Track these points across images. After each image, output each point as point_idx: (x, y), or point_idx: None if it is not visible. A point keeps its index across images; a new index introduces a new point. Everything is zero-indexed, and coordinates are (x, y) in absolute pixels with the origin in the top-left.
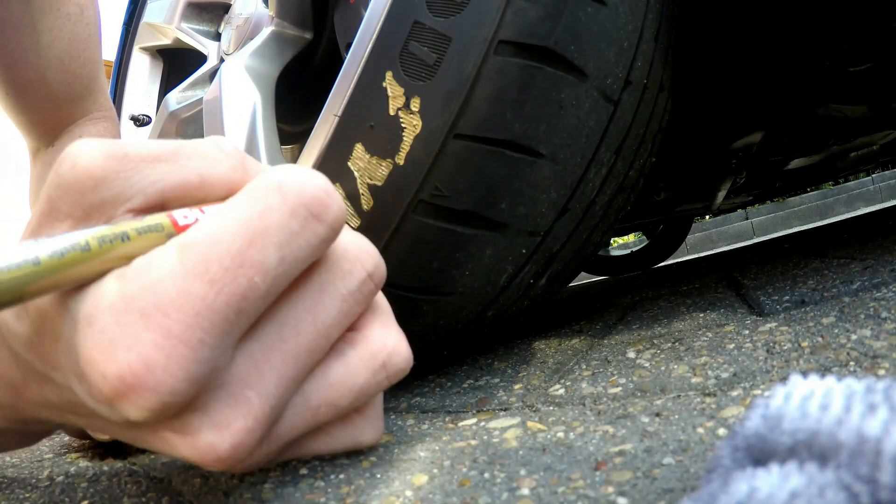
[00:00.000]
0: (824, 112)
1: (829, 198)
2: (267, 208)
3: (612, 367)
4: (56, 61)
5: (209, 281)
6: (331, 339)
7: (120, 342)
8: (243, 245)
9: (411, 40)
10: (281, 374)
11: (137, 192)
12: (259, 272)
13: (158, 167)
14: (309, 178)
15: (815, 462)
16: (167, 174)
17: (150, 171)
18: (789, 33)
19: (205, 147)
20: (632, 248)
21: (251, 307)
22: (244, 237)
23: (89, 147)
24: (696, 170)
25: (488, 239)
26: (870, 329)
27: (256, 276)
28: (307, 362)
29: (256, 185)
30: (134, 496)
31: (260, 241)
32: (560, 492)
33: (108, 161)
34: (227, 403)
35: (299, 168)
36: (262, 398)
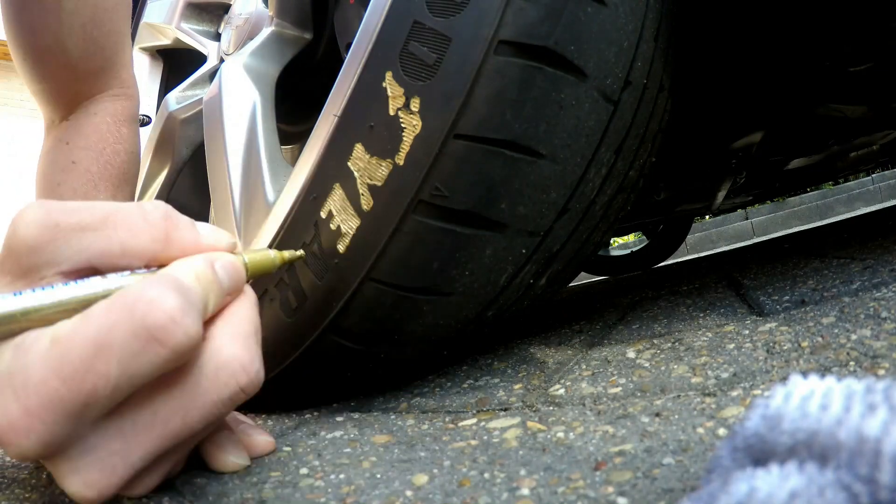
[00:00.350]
0: (824, 112)
1: (829, 198)
2: (115, 325)
3: (612, 367)
4: (78, 28)
5: (61, 378)
6: (196, 431)
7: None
8: (90, 355)
9: (411, 40)
10: (146, 449)
11: (65, 259)
12: (101, 380)
13: (86, 237)
14: (162, 300)
15: (815, 462)
16: (92, 244)
17: (78, 241)
18: (789, 33)
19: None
20: (632, 248)
21: (98, 403)
22: (92, 348)
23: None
24: (696, 170)
25: (488, 239)
26: (870, 329)
27: (99, 382)
28: (171, 444)
29: (116, 300)
30: (134, 496)
31: (104, 355)
32: (560, 492)
33: (40, 231)
34: (96, 467)
35: (162, 285)
36: (125, 465)
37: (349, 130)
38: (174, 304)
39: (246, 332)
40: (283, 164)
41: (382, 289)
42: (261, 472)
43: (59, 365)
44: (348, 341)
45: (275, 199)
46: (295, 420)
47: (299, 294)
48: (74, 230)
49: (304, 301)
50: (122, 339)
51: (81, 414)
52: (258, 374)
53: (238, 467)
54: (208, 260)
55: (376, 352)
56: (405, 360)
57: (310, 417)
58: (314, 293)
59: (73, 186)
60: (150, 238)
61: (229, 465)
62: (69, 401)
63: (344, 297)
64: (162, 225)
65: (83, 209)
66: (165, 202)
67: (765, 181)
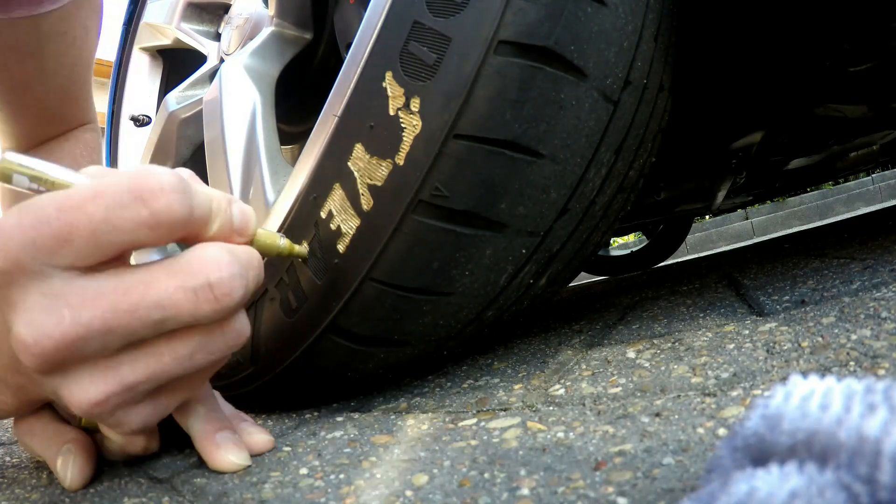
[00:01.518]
0: (824, 112)
1: (829, 198)
2: (117, 183)
3: (612, 367)
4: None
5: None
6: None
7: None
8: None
9: (411, 40)
10: (97, 315)
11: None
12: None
13: None
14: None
15: (815, 462)
16: None
17: None
18: (789, 33)
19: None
20: (632, 248)
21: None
22: (90, 193)
23: None
24: (696, 170)
25: (488, 239)
26: (870, 329)
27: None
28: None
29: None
30: (134, 496)
31: (96, 200)
32: (560, 492)
33: None
34: (46, 311)
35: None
36: (73, 320)
37: (349, 130)
38: (170, 180)
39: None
40: (283, 164)
41: (382, 289)
42: (261, 472)
43: (63, 198)
44: (348, 341)
45: (275, 199)
46: (295, 420)
47: (299, 294)
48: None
49: (304, 301)
50: (116, 191)
51: (62, 245)
52: (232, 279)
53: (238, 467)
54: (226, 197)
55: (376, 352)
56: (405, 360)
57: (310, 417)
58: (314, 293)
59: None
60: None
61: (229, 465)
62: (55, 228)
63: (344, 297)
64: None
65: None
66: None
67: (765, 181)
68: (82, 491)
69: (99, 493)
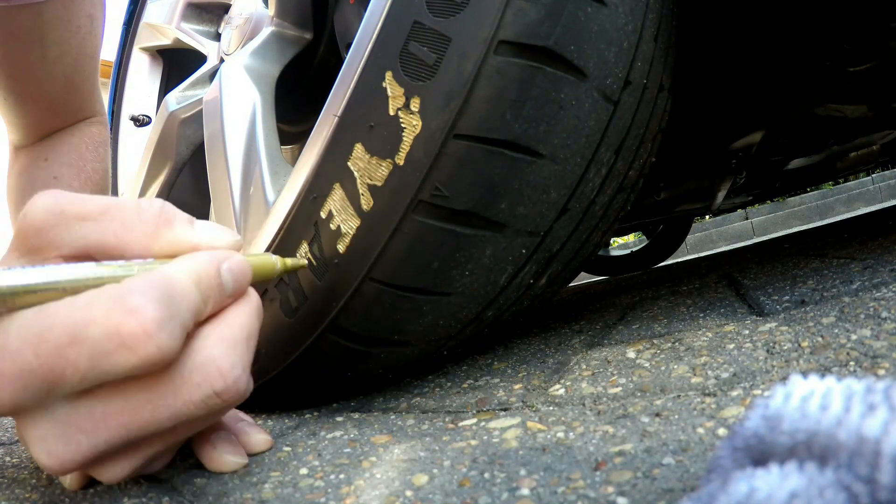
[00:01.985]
0: (824, 112)
1: (829, 198)
2: (92, 322)
3: (612, 367)
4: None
5: (35, 353)
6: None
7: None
8: (65, 342)
9: (411, 40)
10: (112, 434)
11: (66, 244)
12: (70, 367)
13: (85, 225)
14: (141, 311)
15: (815, 462)
16: (90, 233)
17: (78, 229)
18: (789, 33)
19: (127, 212)
20: (632, 248)
21: (65, 385)
22: (67, 336)
23: (39, 201)
24: (696, 170)
25: (488, 239)
26: (870, 329)
27: (68, 368)
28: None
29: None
30: (134, 496)
31: (77, 346)
32: (560, 492)
33: (47, 216)
34: (61, 440)
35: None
36: (90, 444)
37: (349, 130)
38: (152, 315)
39: (235, 336)
40: (283, 164)
41: (382, 289)
42: (261, 472)
43: (36, 341)
44: (348, 341)
45: (275, 199)
46: (295, 420)
47: (299, 294)
48: (76, 218)
49: (304, 301)
50: (96, 337)
51: (50, 389)
52: (237, 382)
53: (236, 466)
54: (215, 261)
55: (376, 352)
56: (405, 360)
57: (310, 417)
58: (314, 293)
59: None
60: (142, 233)
61: (226, 465)
62: (39, 376)
63: (344, 297)
64: (154, 221)
65: (87, 200)
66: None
67: (765, 181)
68: (82, 491)
69: (99, 494)
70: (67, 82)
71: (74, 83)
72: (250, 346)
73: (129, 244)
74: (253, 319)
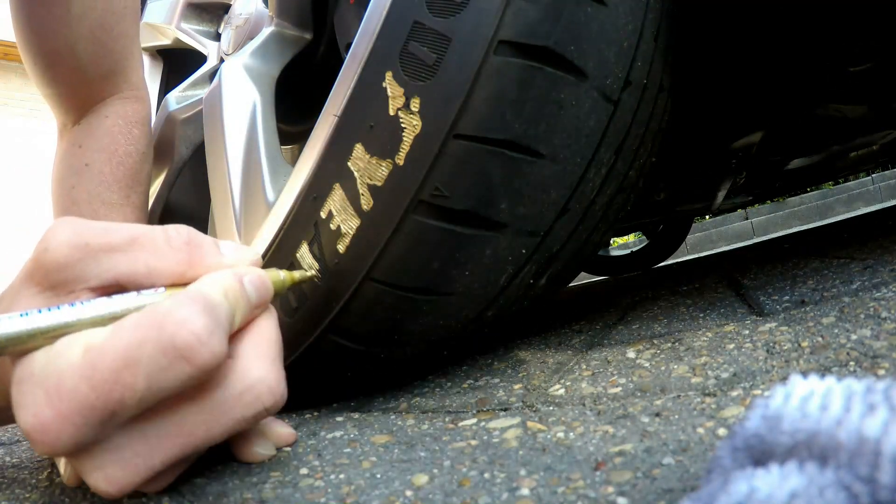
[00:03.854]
0: (824, 112)
1: (829, 198)
2: (145, 341)
3: (612, 367)
4: (87, 33)
5: (91, 386)
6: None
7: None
8: (119, 367)
9: (411, 40)
10: (168, 455)
11: (94, 277)
12: (129, 390)
13: (114, 257)
14: (191, 321)
15: (815, 462)
16: (119, 264)
17: (107, 261)
18: (789, 33)
19: (157, 241)
20: (632, 248)
21: (124, 410)
22: (122, 361)
23: (60, 235)
24: (696, 170)
25: (488, 239)
26: (870, 329)
27: (126, 392)
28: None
29: (150, 315)
30: (134, 496)
31: (133, 368)
32: (560, 492)
33: (71, 251)
34: (119, 466)
35: (192, 304)
36: (146, 466)
37: (349, 130)
38: (202, 324)
39: (273, 353)
40: (283, 164)
41: (382, 289)
42: (261, 472)
43: (91, 373)
44: (348, 341)
45: (275, 199)
46: (295, 420)
47: (299, 294)
48: (103, 250)
49: (304, 301)
50: (151, 355)
51: (109, 419)
52: (283, 396)
53: (265, 458)
54: (237, 275)
55: (376, 352)
56: (405, 360)
57: (310, 417)
58: (314, 293)
59: (87, 188)
60: (175, 261)
61: (257, 456)
62: (98, 407)
63: (344, 297)
64: (185, 248)
65: (112, 231)
66: (165, 202)
67: (765, 181)
68: (82, 491)
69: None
70: (95, 40)
71: (103, 41)
72: (282, 358)
73: (161, 272)
74: (277, 330)
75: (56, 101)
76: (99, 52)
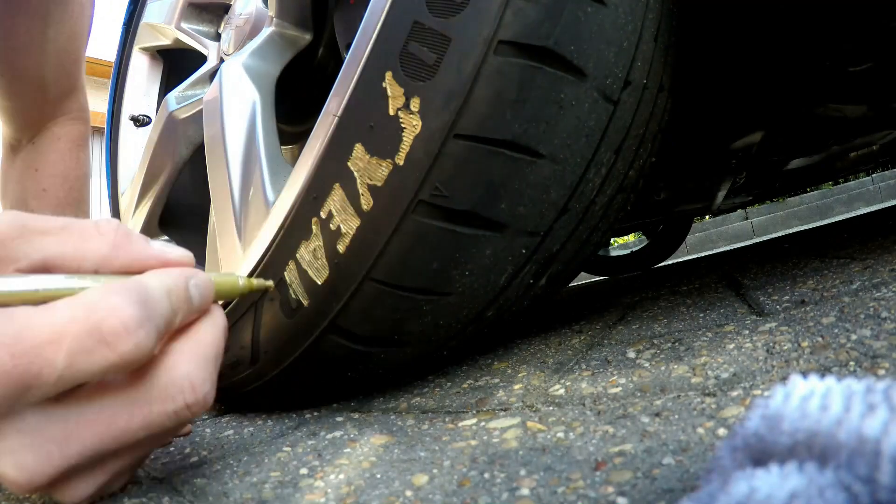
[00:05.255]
0: (824, 112)
1: (829, 198)
2: (73, 320)
3: (612, 367)
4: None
5: (10, 353)
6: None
7: None
8: (43, 340)
9: (411, 40)
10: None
11: (24, 256)
12: (48, 367)
13: (45, 239)
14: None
15: (815, 462)
16: (49, 245)
17: (38, 242)
18: (789, 33)
19: (86, 227)
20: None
21: (41, 387)
22: (46, 334)
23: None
24: (696, 170)
25: (488, 239)
26: (870, 329)
27: (45, 368)
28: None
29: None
30: (134, 496)
31: (56, 343)
32: (560, 492)
33: (9, 228)
34: (31, 451)
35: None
36: (62, 455)
37: (349, 130)
38: (132, 314)
39: (206, 354)
40: (283, 164)
41: (382, 289)
42: (261, 472)
43: (12, 341)
44: (348, 341)
45: (275, 199)
46: (295, 420)
47: (299, 294)
48: (38, 232)
49: (305, 301)
50: (76, 334)
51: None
52: (206, 396)
53: None
54: (184, 275)
55: (376, 352)
56: (405, 360)
57: (310, 417)
58: (314, 293)
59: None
60: (101, 243)
61: None
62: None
63: (344, 297)
64: (112, 234)
65: (49, 219)
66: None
67: (765, 181)
68: None
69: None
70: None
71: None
72: (217, 362)
73: (88, 255)
74: (219, 337)
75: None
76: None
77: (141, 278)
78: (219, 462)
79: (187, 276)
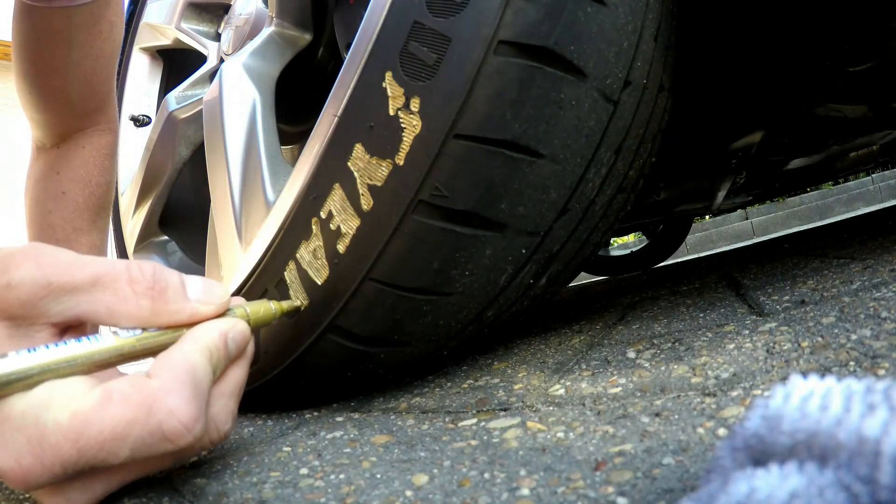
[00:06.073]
0: (824, 112)
1: (829, 198)
2: (133, 422)
3: (612, 367)
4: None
5: (77, 448)
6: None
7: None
8: (107, 438)
9: (411, 40)
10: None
11: (56, 314)
12: (112, 456)
13: (74, 297)
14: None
15: (815, 462)
16: (80, 304)
17: (67, 300)
18: (789, 33)
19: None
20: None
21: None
22: (110, 434)
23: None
24: (696, 170)
25: (488, 239)
26: (870, 329)
27: (109, 457)
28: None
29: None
30: (134, 496)
31: (119, 441)
32: (560, 492)
33: (33, 289)
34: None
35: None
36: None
37: (349, 130)
38: (190, 414)
39: (232, 392)
40: (283, 164)
41: (382, 289)
42: (261, 472)
43: (76, 437)
44: (348, 341)
45: (275, 199)
46: (295, 420)
47: (299, 294)
48: (65, 290)
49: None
50: (138, 435)
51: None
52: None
53: None
54: (222, 333)
55: (376, 352)
56: (405, 360)
57: (310, 417)
58: (314, 293)
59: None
60: (137, 306)
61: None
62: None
63: (344, 297)
64: (148, 294)
65: (75, 269)
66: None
67: (765, 181)
68: None
69: None
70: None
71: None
72: (240, 397)
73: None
74: (244, 374)
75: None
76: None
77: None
78: (219, 462)
79: (224, 332)
